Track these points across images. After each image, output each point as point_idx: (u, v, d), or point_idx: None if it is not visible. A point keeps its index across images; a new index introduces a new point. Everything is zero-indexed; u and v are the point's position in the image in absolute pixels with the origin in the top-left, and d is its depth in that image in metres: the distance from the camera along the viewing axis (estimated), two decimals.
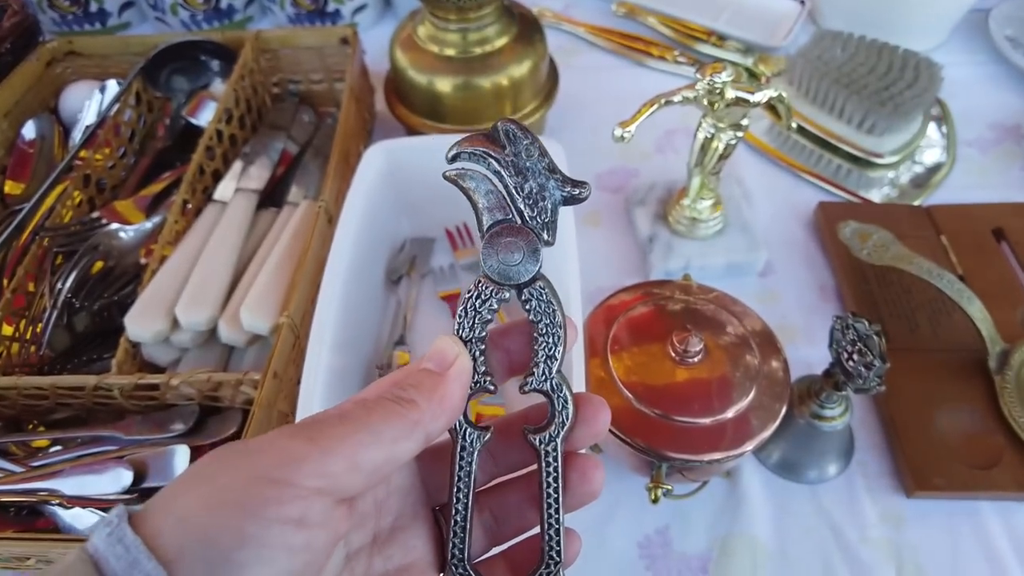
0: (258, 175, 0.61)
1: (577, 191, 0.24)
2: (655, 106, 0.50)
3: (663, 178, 0.66)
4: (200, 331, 0.49)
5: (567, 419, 0.24)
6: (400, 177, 0.57)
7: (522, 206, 0.24)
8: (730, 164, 0.57)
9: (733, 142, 0.53)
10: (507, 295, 0.25)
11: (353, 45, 0.69)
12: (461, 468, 0.24)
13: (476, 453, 0.24)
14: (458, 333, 0.24)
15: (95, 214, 0.58)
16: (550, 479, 0.24)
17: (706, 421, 0.41)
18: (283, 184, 0.63)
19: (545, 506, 0.24)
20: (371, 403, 0.21)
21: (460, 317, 0.24)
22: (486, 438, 0.24)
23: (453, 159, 0.24)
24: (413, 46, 0.63)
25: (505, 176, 0.24)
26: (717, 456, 0.40)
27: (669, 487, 0.41)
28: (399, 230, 0.64)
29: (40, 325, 0.52)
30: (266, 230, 0.57)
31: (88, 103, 0.68)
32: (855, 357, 0.41)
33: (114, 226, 0.57)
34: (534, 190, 0.24)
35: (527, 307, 0.25)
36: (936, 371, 0.52)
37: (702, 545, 0.47)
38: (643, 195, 0.65)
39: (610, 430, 0.41)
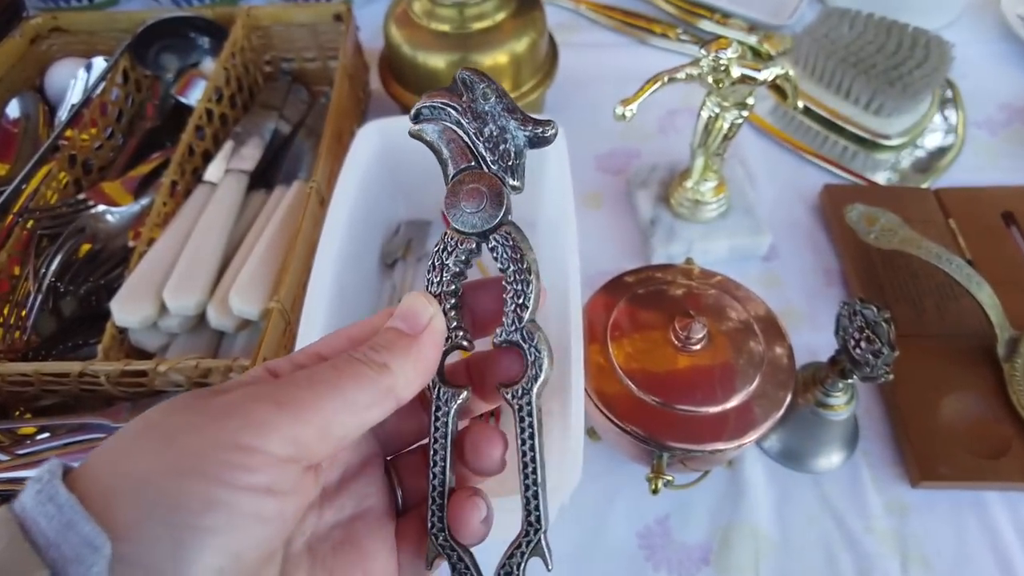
0: (249, 155, 0.59)
1: (541, 130, 0.23)
2: (658, 84, 0.48)
3: (665, 159, 0.64)
4: (189, 316, 0.48)
5: (540, 371, 0.22)
6: (395, 158, 0.55)
7: (483, 151, 0.23)
8: (733, 145, 0.55)
9: (738, 122, 0.52)
10: (473, 245, 0.23)
11: (347, 22, 0.67)
12: (437, 429, 0.23)
13: (452, 413, 0.23)
14: (428, 288, 0.23)
15: (82, 196, 0.56)
16: (525, 436, 0.22)
17: (708, 410, 0.40)
18: (275, 165, 0.61)
19: (521, 466, 0.22)
20: (341, 366, 0.20)
21: (428, 272, 0.24)
22: (462, 396, 0.23)
23: (415, 116, 0.24)
24: (408, 22, 0.62)
25: (464, 123, 0.23)
26: (720, 446, 0.39)
27: (670, 478, 0.39)
28: (394, 212, 0.62)
29: (25, 310, 0.51)
30: (257, 212, 0.55)
31: (74, 81, 0.66)
32: (863, 344, 0.40)
33: (101, 208, 0.56)
34: (494, 133, 0.23)
35: (494, 255, 0.23)
36: (943, 358, 0.51)
37: (703, 535, 0.46)
38: (645, 177, 0.63)
39: (609, 418, 0.40)
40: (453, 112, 0.23)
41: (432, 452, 0.22)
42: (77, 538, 0.15)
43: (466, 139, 0.24)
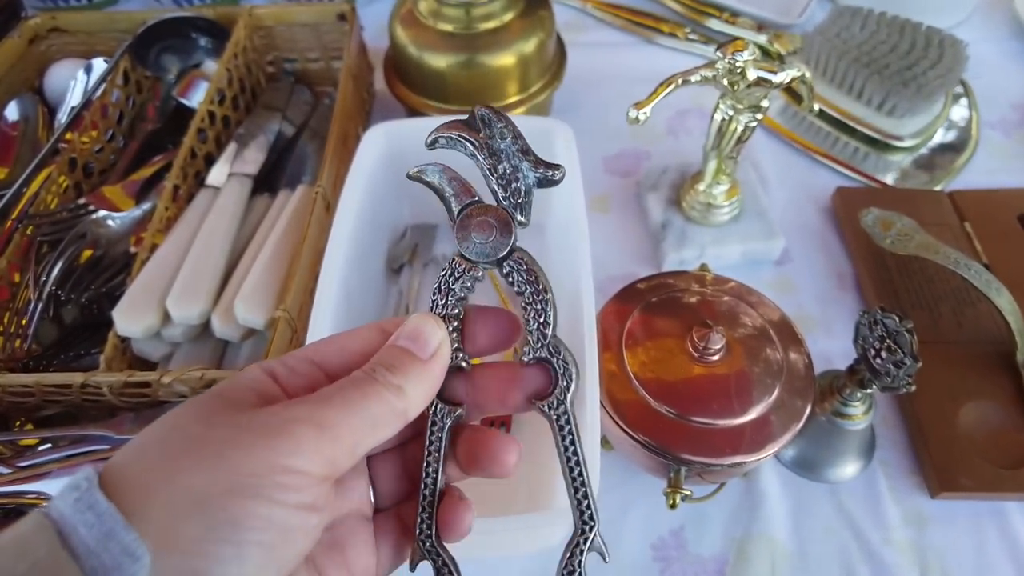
0: (252, 159, 0.58)
1: (551, 173, 0.25)
2: (672, 86, 0.47)
3: (676, 161, 0.63)
4: (192, 325, 0.47)
5: (571, 380, 0.24)
6: (401, 160, 0.54)
7: (495, 186, 0.25)
8: (745, 146, 0.54)
9: (752, 124, 0.51)
10: (480, 274, 0.25)
11: (351, 21, 0.66)
12: (431, 443, 0.24)
13: (447, 429, 0.24)
14: (433, 310, 0.25)
15: (82, 200, 0.55)
16: (567, 443, 0.24)
17: (726, 422, 0.39)
18: (278, 168, 0.60)
19: (567, 470, 0.24)
20: (365, 387, 0.21)
21: (435, 295, 0.25)
22: (456, 413, 0.24)
23: (432, 144, 0.25)
24: (414, 22, 0.60)
25: (479, 158, 0.25)
26: (739, 459, 0.38)
27: (688, 492, 0.39)
28: (400, 216, 0.61)
29: (25, 319, 0.50)
30: (261, 217, 0.54)
31: (73, 83, 0.65)
32: (883, 355, 0.39)
33: (102, 213, 0.55)
34: (507, 171, 0.25)
35: (509, 280, 0.25)
36: (961, 365, 0.50)
37: (718, 547, 0.45)
38: (655, 179, 0.62)
39: (624, 429, 0.40)
40: (470, 146, 0.25)
41: (426, 464, 0.24)
42: (118, 547, 0.16)
43: (481, 172, 0.25)
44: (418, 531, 0.24)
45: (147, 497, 0.17)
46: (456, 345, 0.25)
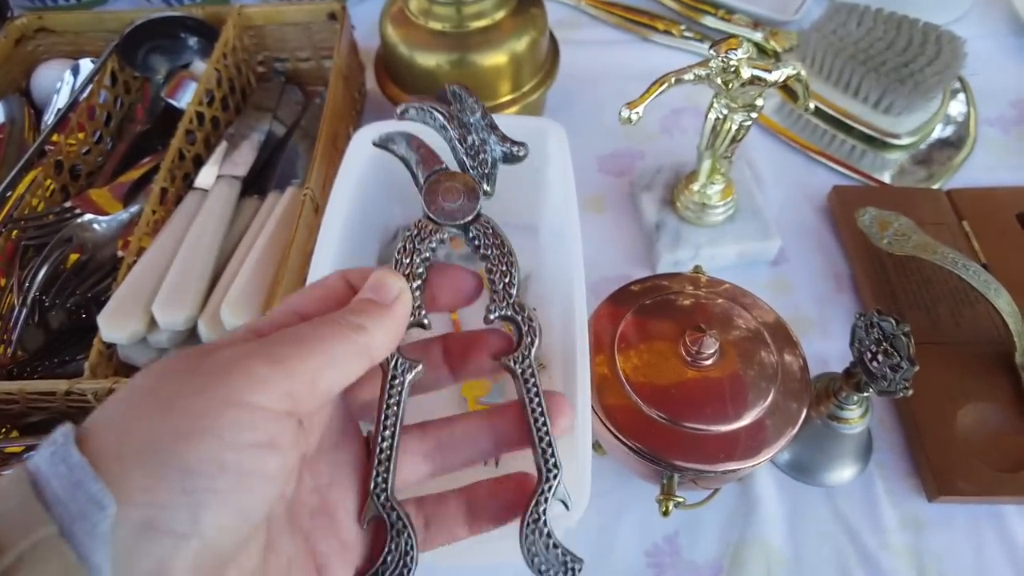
0: (242, 160, 0.57)
1: (515, 149, 0.27)
2: (665, 85, 0.46)
3: (670, 161, 0.62)
4: (179, 331, 0.46)
5: (535, 336, 0.25)
6: (391, 161, 0.52)
7: (464, 156, 0.26)
8: (740, 145, 0.54)
9: (747, 123, 0.50)
10: (445, 236, 0.26)
11: (341, 20, 0.65)
12: (391, 397, 0.24)
13: (406, 384, 0.25)
14: (397, 268, 0.26)
15: (68, 204, 0.55)
16: (531, 395, 0.25)
17: (720, 428, 0.38)
18: (269, 168, 0.59)
19: (532, 421, 0.24)
20: (323, 325, 0.22)
21: (398, 254, 0.26)
22: (416, 369, 0.25)
23: (403, 113, 0.26)
24: (405, 21, 0.60)
25: (449, 129, 0.26)
26: (733, 466, 0.37)
27: (682, 499, 0.38)
28: (391, 218, 0.60)
29: (10, 324, 0.49)
30: (250, 220, 0.54)
31: (60, 84, 0.64)
32: (879, 358, 0.38)
33: (88, 217, 0.54)
34: (476, 143, 0.26)
35: (476, 243, 0.26)
36: (959, 366, 0.49)
37: (713, 553, 0.45)
38: (649, 179, 0.61)
39: (615, 435, 0.39)
40: (440, 116, 0.26)
41: (383, 417, 0.24)
42: (84, 497, 0.16)
43: (449, 143, 0.26)
44: (372, 485, 0.23)
45: (107, 450, 0.17)
46: (419, 303, 0.25)
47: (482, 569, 0.44)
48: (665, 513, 0.38)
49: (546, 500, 0.24)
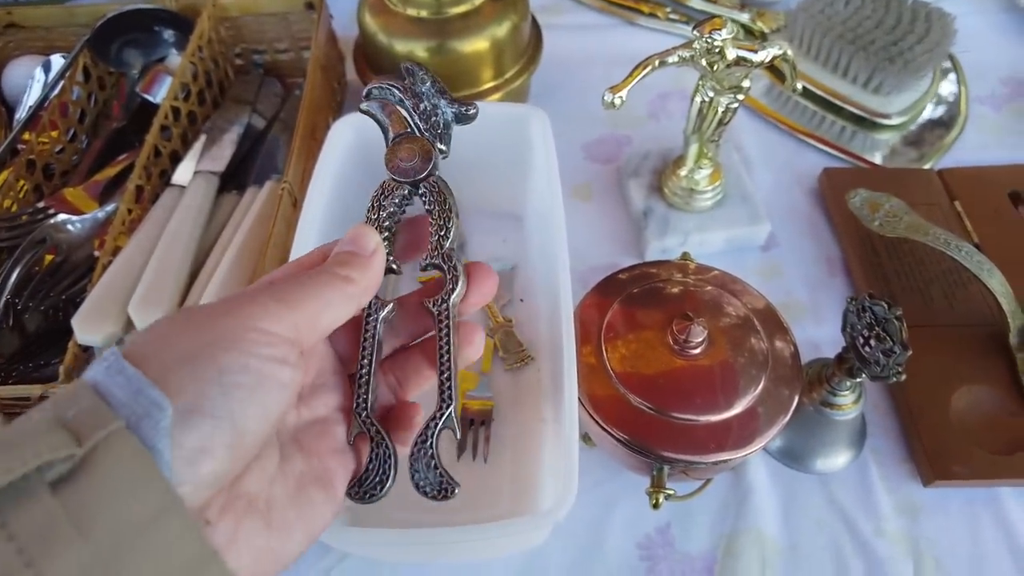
0: (219, 155, 0.56)
1: (465, 108, 0.31)
2: (648, 68, 0.45)
3: (657, 146, 0.61)
4: None
5: (456, 284, 0.28)
6: (372, 153, 0.51)
7: (418, 121, 0.30)
8: (727, 129, 0.52)
9: (734, 106, 0.49)
10: (406, 191, 0.29)
11: (319, 10, 0.63)
12: (367, 331, 0.28)
13: (380, 320, 0.28)
14: (368, 221, 0.29)
15: (41, 204, 0.53)
16: (443, 335, 0.28)
17: (710, 417, 0.37)
18: (249, 162, 0.58)
19: (440, 358, 0.28)
20: (319, 275, 0.25)
21: (368, 212, 0.29)
22: (388, 308, 0.28)
23: (367, 95, 0.30)
24: (383, 9, 0.58)
25: (405, 101, 0.30)
26: (723, 456, 0.36)
27: (672, 491, 0.37)
28: None
29: None
30: (228, 216, 0.52)
31: (31, 81, 0.62)
32: (872, 343, 0.37)
33: (62, 217, 0.52)
34: (427, 108, 0.30)
35: (423, 199, 0.30)
36: (953, 348, 0.49)
37: (707, 543, 0.44)
38: (636, 165, 0.60)
39: (603, 427, 0.38)
40: (396, 91, 0.30)
41: (362, 348, 0.28)
42: (146, 400, 0.19)
43: (404, 113, 0.30)
44: (355, 405, 0.27)
45: (152, 361, 0.20)
46: (388, 251, 0.29)
47: (475, 567, 0.44)
48: (655, 506, 0.37)
49: (436, 426, 0.27)
